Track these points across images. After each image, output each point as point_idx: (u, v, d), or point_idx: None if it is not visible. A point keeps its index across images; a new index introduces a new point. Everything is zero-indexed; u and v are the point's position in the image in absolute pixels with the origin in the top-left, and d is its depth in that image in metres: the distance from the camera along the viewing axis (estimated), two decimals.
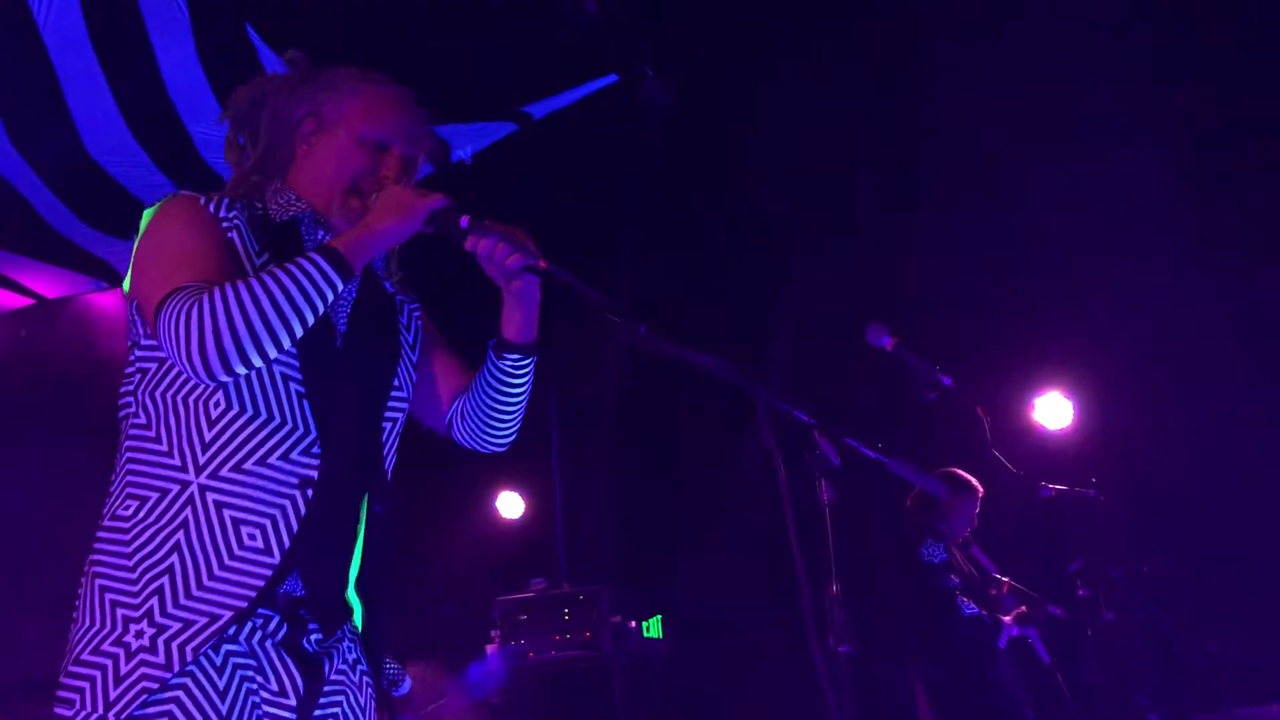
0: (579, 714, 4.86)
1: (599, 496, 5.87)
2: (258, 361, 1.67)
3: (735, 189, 5.54)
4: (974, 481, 4.45)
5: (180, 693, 1.63)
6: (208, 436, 1.71)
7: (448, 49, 4.40)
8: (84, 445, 5.28)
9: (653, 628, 5.63)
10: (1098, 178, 4.79)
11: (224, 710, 1.64)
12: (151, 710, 1.61)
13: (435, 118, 2.04)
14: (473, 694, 4.88)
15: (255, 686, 1.68)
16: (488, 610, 5.10)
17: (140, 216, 5.38)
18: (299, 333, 1.69)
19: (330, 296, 1.70)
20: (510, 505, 5.72)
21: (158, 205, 1.83)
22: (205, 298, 1.65)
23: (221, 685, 1.65)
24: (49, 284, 5.40)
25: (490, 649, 4.88)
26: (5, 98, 4.28)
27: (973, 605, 4.30)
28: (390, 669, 1.93)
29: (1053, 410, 5.11)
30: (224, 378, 1.67)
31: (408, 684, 2.46)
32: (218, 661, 1.66)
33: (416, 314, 2.03)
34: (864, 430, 1.77)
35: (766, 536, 5.67)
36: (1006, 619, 4.38)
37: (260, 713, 1.68)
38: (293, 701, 1.71)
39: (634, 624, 5.35)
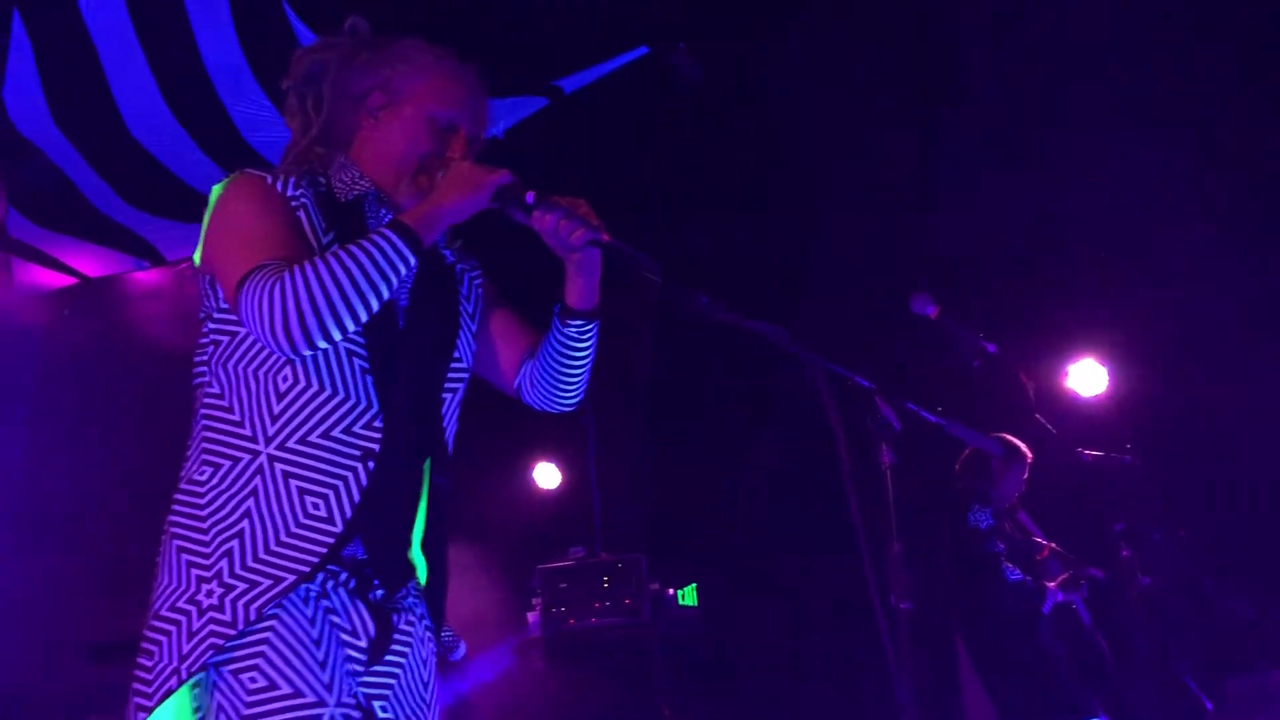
0: (620, 680, 4.93)
1: (634, 466, 5.93)
2: (337, 336, 1.72)
3: (765, 158, 5.55)
4: (1023, 447, 4.47)
5: (274, 622, 1.71)
6: (276, 409, 1.77)
7: (481, 24, 4.43)
8: (125, 420, 5.39)
9: (688, 595, 5.70)
10: (1133, 144, 4.77)
11: (314, 634, 1.72)
12: (250, 638, 1.69)
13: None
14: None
15: (335, 620, 1.76)
16: (527, 579, 5.17)
17: (182, 196, 5.40)
18: (376, 307, 1.74)
19: (403, 271, 1.75)
20: (547, 476, 5.80)
21: (225, 182, 1.87)
22: (286, 275, 1.70)
23: (309, 613, 1.73)
24: (92, 263, 5.48)
25: (531, 616, 4.97)
26: (48, 78, 4.34)
27: (1017, 571, 4.34)
28: (446, 635, 2.00)
29: (1087, 377, 5.11)
30: (306, 352, 1.73)
31: (462, 649, 2.54)
32: (299, 598, 1.74)
33: (477, 281, 2.06)
34: (906, 397, 1.80)
35: (800, 502, 5.72)
36: (1051, 585, 4.42)
37: (343, 647, 1.75)
38: (364, 643, 1.77)
39: (670, 592, 5.42)
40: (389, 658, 1.82)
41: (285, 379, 1.78)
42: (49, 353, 5.59)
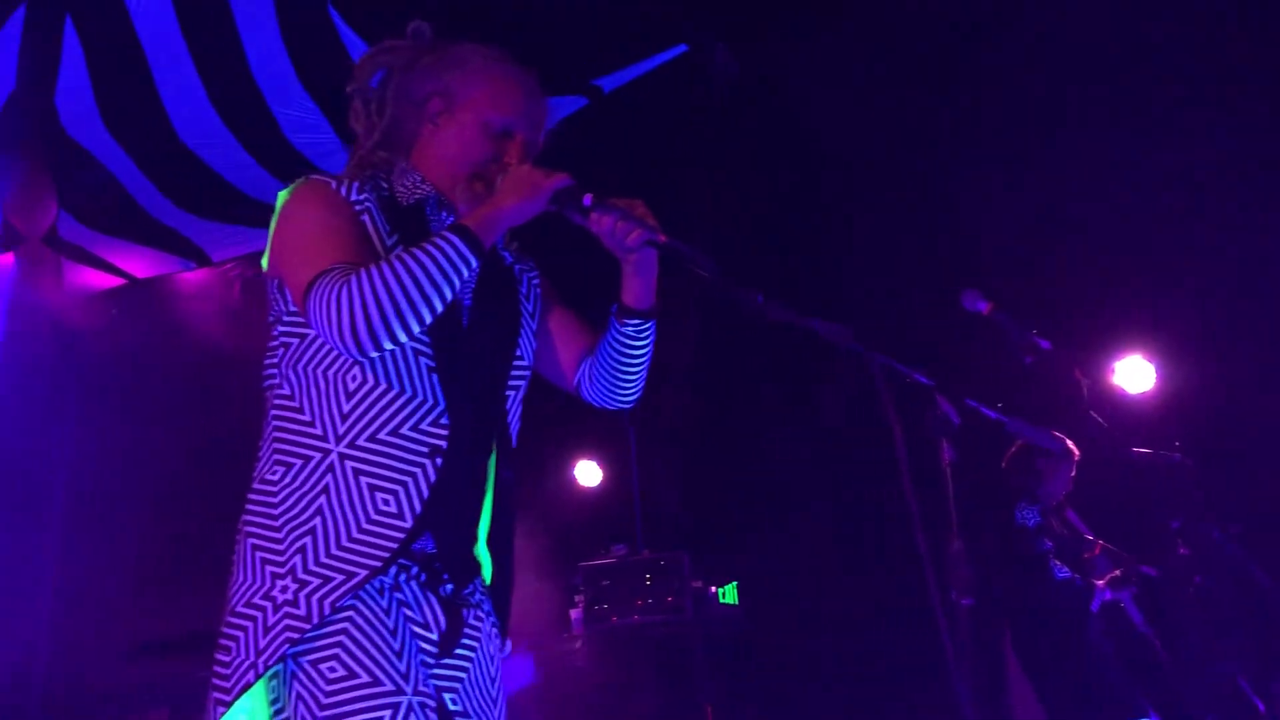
0: (662, 677, 4.94)
1: (674, 464, 5.93)
2: (403, 338, 1.75)
3: (804, 155, 5.54)
4: (1070, 444, 4.44)
5: (351, 612, 1.74)
6: (346, 408, 1.80)
7: (521, 25, 4.44)
8: (170, 417, 5.46)
9: (728, 594, 5.70)
10: (1180, 137, 4.72)
11: (390, 624, 1.75)
12: (327, 629, 1.72)
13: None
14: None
15: (409, 613, 1.79)
16: (569, 576, 5.19)
17: (227, 197, 5.45)
18: (440, 308, 1.77)
19: (465, 274, 1.78)
20: (588, 473, 5.81)
21: (291, 188, 1.90)
22: (354, 279, 1.73)
23: (384, 604, 1.76)
24: (140, 264, 5.56)
25: (574, 613, 4.99)
26: (99, 82, 4.41)
27: (1065, 569, 4.30)
28: None
29: (1135, 373, 5.05)
30: (373, 353, 1.76)
31: (508, 647, 2.56)
32: (374, 589, 1.76)
33: (535, 282, 2.09)
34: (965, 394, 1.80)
35: (842, 500, 5.70)
36: (1099, 583, 4.37)
37: (416, 639, 1.78)
38: (435, 636, 1.81)
39: (711, 590, 5.42)
40: (459, 651, 1.85)
41: (354, 378, 1.81)
42: (98, 352, 5.66)
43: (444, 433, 1.82)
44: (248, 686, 1.70)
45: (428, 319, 1.76)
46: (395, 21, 4.81)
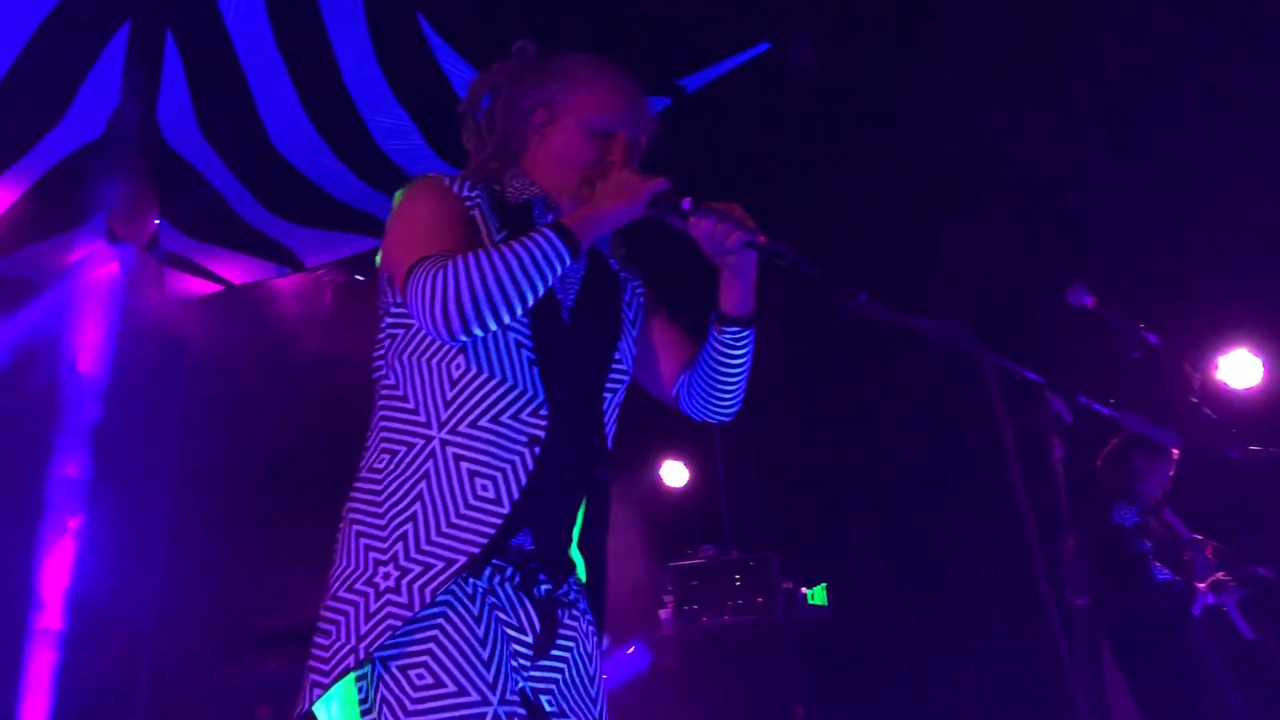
0: (752, 678, 4.93)
1: (762, 464, 5.90)
2: (493, 324, 1.78)
3: (894, 150, 5.46)
4: (1173, 441, 4.30)
5: (441, 619, 1.76)
6: (448, 395, 1.84)
7: (605, 28, 4.47)
8: (266, 418, 5.59)
9: (817, 595, 5.66)
10: None
11: (480, 633, 1.77)
12: (417, 635, 1.75)
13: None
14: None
15: (501, 616, 1.80)
16: (658, 576, 5.20)
17: (320, 204, 5.56)
18: (530, 300, 1.80)
19: (559, 269, 1.80)
20: (674, 474, 5.82)
21: (408, 186, 1.97)
22: (450, 264, 1.78)
23: (476, 611, 1.78)
24: (237, 270, 5.70)
25: (664, 614, 5.00)
26: (198, 94, 4.53)
27: (1165, 570, 4.18)
28: None
29: (1240, 368, 4.89)
30: (463, 338, 1.79)
31: (605, 642, 2.58)
32: (466, 594, 1.79)
33: (639, 291, 2.12)
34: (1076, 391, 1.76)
35: (936, 502, 5.61)
36: (1201, 586, 4.24)
37: (509, 642, 1.79)
38: (529, 639, 1.82)
39: (801, 591, 5.39)
40: (554, 652, 1.86)
41: (457, 366, 1.85)
42: (199, 353, 5.83)
43: (543, 423, 1.85)
44: (347, 670, 1.73)
45: (518, 309, 1.79)
46: (483, 28, 4.87)
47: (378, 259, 1.98)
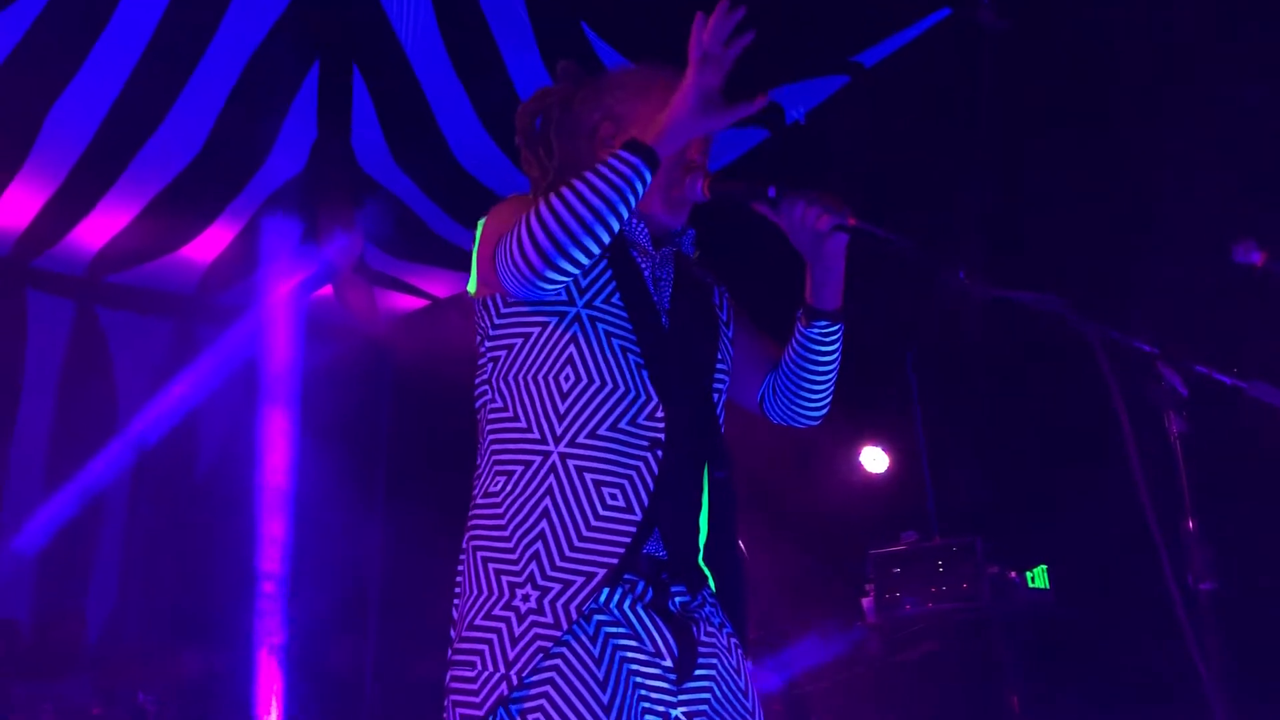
0: (961, 667, 4.78)
1: (967, 447, 5.70)
2: (582, 256, 1.74)
3: (1090, 113, 5.13)
4: None
5: (559, 660, 1.71)
6: (561, 408, 1.81)
7: (775, 10, 4.42)
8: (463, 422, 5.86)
9: (1038, 578, 5.41)
10: None
11: (600, 675, 1.71)
12: (534, 679, 1.70)
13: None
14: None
15: (628, 653, 1.75)
16: (859, 564, 5.11)
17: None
18: (615, 225, 1.74)
19: (639, 187, 1.74)
20: (874, 460, 5.71)
21: (487, 213, 1.97)
22: (525, 217, 1.75)
23: (596, 652, 1.72)
24: (439, 284, 6.02)
25: (866, 602, 4.91)
26: (386, 121, 4.81)
27: None
28: None
29: None
30: (556, 277, 1.75)
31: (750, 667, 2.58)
32: (590, 630, 1.74)
33: (726, 295, 2.10)
34: (1232, 356, 1.63)
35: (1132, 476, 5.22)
36: None
37: (635, 678, 1.73)
38: (669, 662, 1.75)
39: (1013, 574, 5.17)
40: (699, 672, 1.82)
41: (567, 378, 1.82)
42: (411, 365, 6.18)
43: (661, 426, 1.82)
44: (502, 699, 1.69)
45: (604, 236, 1.73)
46: (645, 30, 4.91)
47: (470, 286, 1.97)
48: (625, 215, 1.75)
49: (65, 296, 5.50)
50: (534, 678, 1.69)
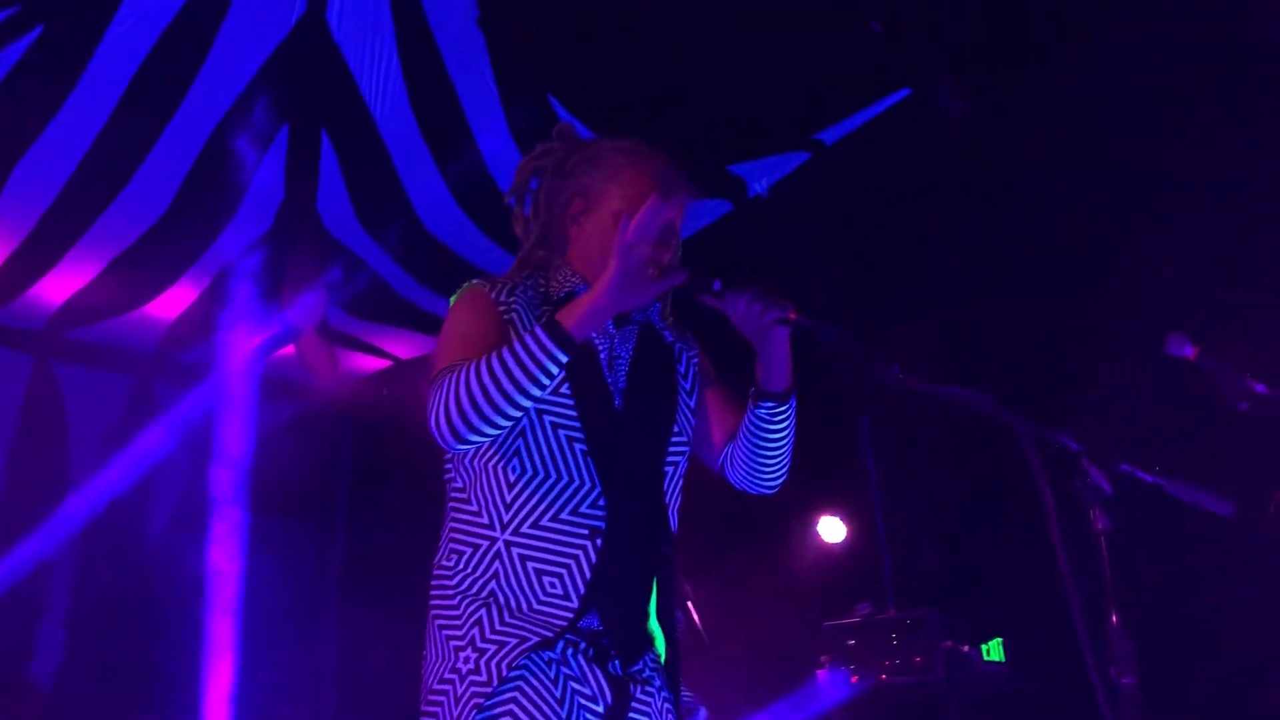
0: None
1: (923, 519, 5.74)
2: (487, 430, 1.81)
3: (1050, 197, 5.21)
4: None
5: (521, 683, 1.83)
6: (508, 498, 1.91)
7: (739, 89, 4.51)
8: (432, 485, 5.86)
9: (993, 651, 5.43)
10: None
11: (557, 694, 1.83)
12: (496, 700, 1.81)
13: (697, 178, 2.12)
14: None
15: (576, 685, 1.86)
16: (815, 634, 5.12)
17: (471, 277, 5.79)
18: (523, 402, 1.80)
19: (552, 368, 1.80)
20: (832, 529, 5.74)
21: (456, 294, 2.04)
22: (448, 377, 1.82)
23: (551, 676, 1.85)
24: (402, 346, 6.04)
25: (821, 674, 4.91)
26: (353, 185, 4.86)
27: None
28: (686, 697, 2.05)
29: None
30: (459, 447, 1.85)
31: (702, 713, 2.57)
32: (543, 661, 1.85)
33: (694, 360, 2.14)
34: (1161, 449, 1.68)
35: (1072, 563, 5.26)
36: None
37: (584, 712, 1.84)
38: (601, 709, 1.86)
39: (966, 648, 5.19)
40: None
41: (514, 469, 1.91)
42: (373, 425, 6.17)
43: (601, 514, 1.90)
44: None
45: (510, 412, 1.80)
46: (611, 101, 4.99)
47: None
48: (537, 393, 1.81)
49: (23, 351, 5.47)
50: (497, 700, 1.81)
